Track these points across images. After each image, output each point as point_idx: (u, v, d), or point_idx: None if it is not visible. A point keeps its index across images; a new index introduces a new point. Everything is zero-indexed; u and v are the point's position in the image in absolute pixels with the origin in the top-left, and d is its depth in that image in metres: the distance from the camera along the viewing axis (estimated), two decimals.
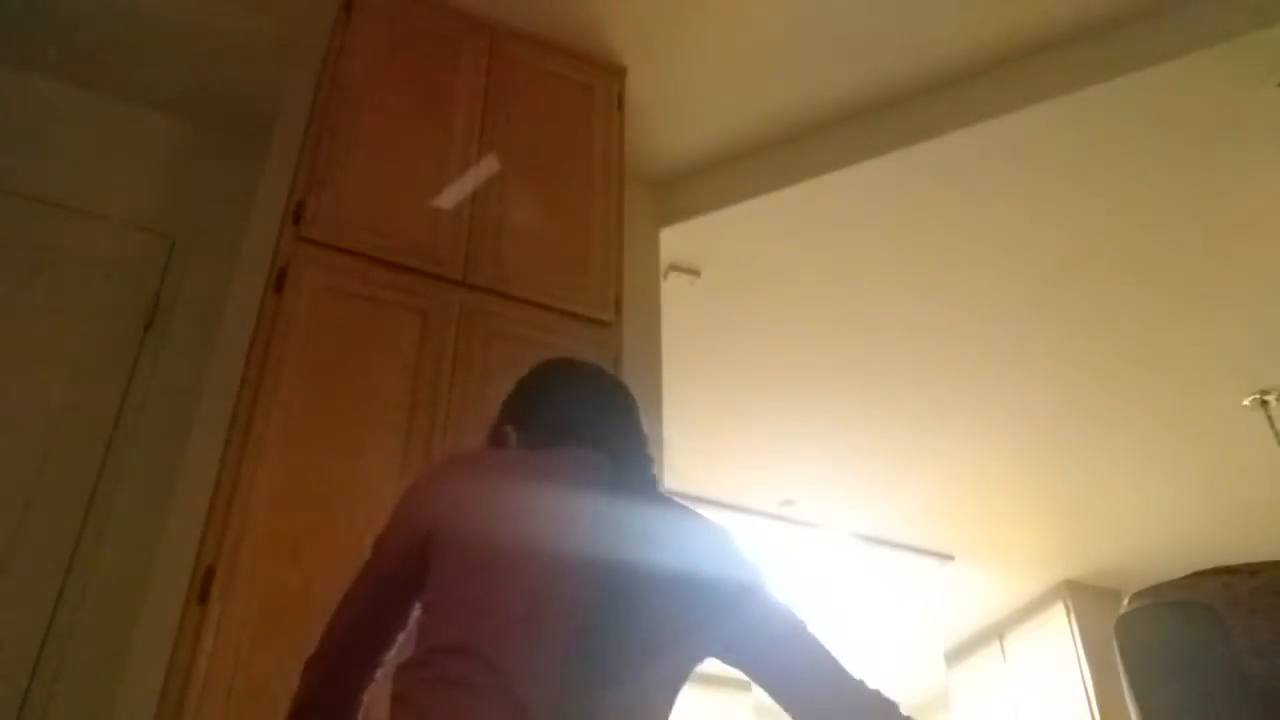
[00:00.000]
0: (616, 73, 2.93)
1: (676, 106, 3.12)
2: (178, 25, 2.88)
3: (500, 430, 1.34)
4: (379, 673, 1.21)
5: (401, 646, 1.20)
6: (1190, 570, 2.04)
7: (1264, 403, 3.88)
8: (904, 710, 1.13)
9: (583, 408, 1.31)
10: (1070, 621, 4.89)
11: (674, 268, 3.37)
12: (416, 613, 1.19)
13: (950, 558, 4.89)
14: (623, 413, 1.33)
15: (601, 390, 1.36)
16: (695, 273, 3.41)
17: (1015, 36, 2.95)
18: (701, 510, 1.27)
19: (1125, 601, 2.13)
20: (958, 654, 5.62)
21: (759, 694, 1.23)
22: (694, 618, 1.14)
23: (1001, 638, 5.33)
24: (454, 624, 1.07)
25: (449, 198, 2.43)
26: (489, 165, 2.52)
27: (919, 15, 2.89)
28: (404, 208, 2.38)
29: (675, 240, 3.30)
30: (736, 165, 3.27)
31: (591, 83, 2.86)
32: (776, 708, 1.20)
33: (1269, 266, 3.39)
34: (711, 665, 1.21)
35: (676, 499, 1.28)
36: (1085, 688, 4.65)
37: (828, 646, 1.18)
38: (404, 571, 1.16)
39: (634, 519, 1.17)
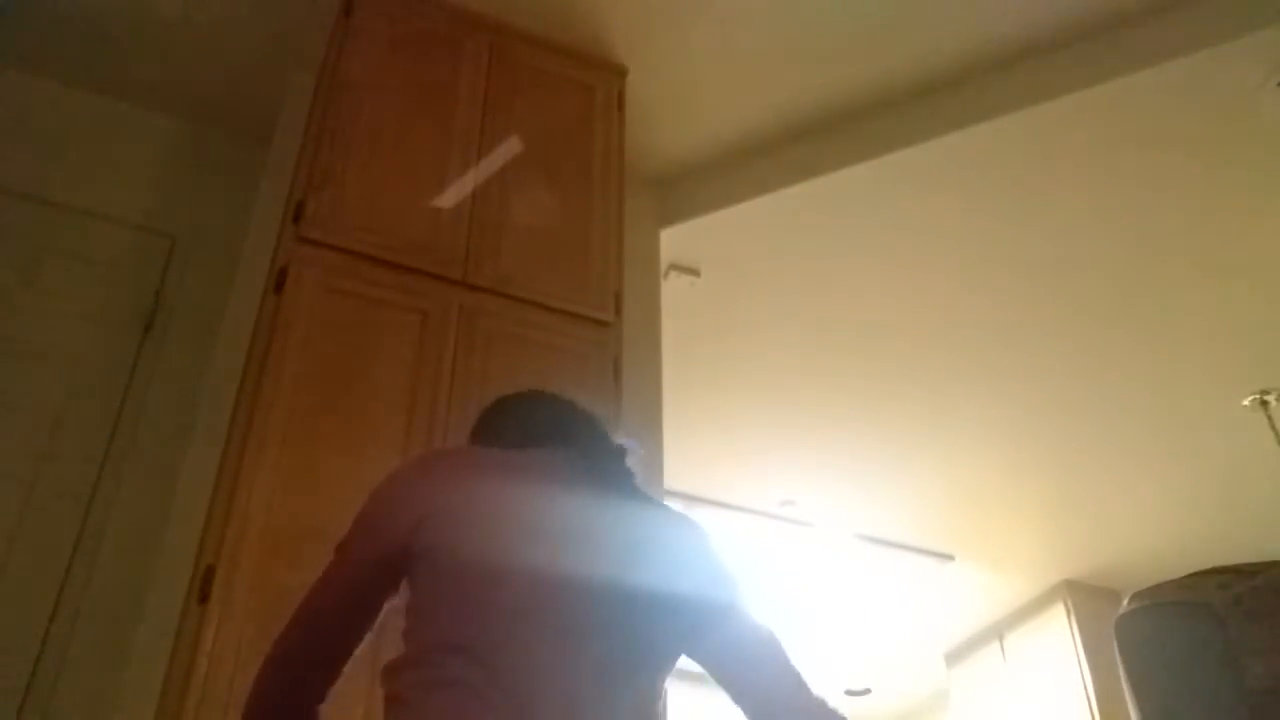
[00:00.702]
0: (616, 73, 2.93)
1: (676, 106, 3.12)
2: (178, 25, 2.88)
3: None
4: (336, 688, 1.16)
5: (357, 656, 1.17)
6: (1190, 570, 2.04)
7: (1264, 403, 3.87)
8: None
9: (548, 414, 1.33)
10: (1070, 621, 4.89)
11: (674, 268, 3.37)
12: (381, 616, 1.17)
13: (950, 558, 4.89)
14: (589, 418, 1.33)
15: (561, 402, 1.37)
16: (695, 273, 3.41)
17: (1014, 38, 2.95)
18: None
19: (1125, 601, 2.13)
20: (958, 654, 5.62)
21: None
22: (680, 629, 1.13)
23: (1001, 638, 5.32)
24: (449, 623, 1.04)
25: (449, 197, 2.43)
26: (489, 165, 2.52)
27: (918, 17, 2.89)
28: (404, 207, 2.38)
29: (675, 240, 3.30)
30: (737, 165, 3.27)
31: (591, 83, 2.86)
32: None
33: (1269, 266, 3.39)
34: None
35: (653, 496, 1.27)
36: (1085, 688, 4.64)
37: (796, 664, 1.15)
38: (382, 573, 1.13)
39: (620, 519, 1.17)
